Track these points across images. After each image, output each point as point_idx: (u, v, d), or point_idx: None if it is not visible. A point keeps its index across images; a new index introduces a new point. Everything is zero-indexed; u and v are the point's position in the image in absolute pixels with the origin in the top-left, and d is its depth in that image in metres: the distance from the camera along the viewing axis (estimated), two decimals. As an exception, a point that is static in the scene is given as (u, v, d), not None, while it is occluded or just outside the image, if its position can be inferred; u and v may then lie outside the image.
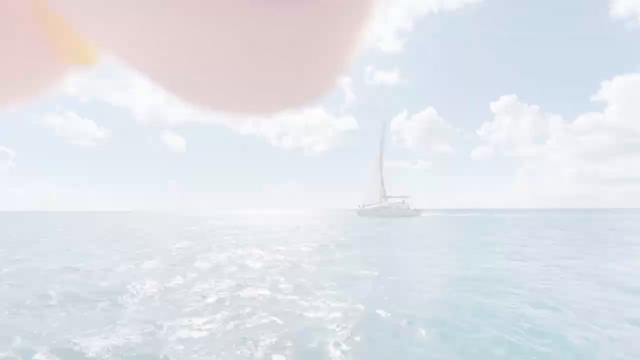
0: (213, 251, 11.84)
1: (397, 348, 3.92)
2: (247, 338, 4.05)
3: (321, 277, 7.46)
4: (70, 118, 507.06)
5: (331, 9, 0.13)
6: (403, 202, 54.23)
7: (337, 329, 4.35)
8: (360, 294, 6.04)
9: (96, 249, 12.51)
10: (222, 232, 20.97)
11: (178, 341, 4.00)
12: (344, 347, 3.85)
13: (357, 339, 4.10)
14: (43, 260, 9.98)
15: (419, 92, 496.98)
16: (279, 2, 0.13)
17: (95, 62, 0.19)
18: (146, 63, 0.16)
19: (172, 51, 0.15)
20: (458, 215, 58.09)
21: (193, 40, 0.14)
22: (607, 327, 4.44)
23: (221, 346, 3.86)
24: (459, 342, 3.99)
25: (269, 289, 6.42)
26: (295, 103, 0.17)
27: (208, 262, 9.43)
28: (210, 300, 5.71)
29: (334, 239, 16.30)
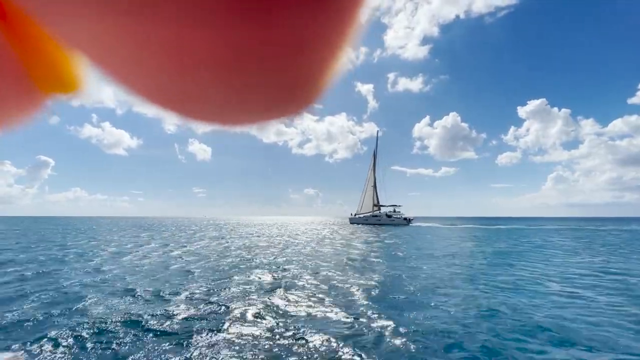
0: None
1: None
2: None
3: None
4: (105, 129, 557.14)
5: (318, 15, 0.13)
6: (394, 210, 56.62)
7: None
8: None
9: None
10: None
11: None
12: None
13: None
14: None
15: (443, 98, 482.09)
16: (265, 9, 0.13)
17: (77, 89, 0.20)
18: (129, 76, 0.15)
19: (155, 62, 0.14)
20: (459, 226, 56.99)
21: (180, 52, 0.14)
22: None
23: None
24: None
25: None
26: (283, 112, 0.17)
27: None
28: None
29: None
